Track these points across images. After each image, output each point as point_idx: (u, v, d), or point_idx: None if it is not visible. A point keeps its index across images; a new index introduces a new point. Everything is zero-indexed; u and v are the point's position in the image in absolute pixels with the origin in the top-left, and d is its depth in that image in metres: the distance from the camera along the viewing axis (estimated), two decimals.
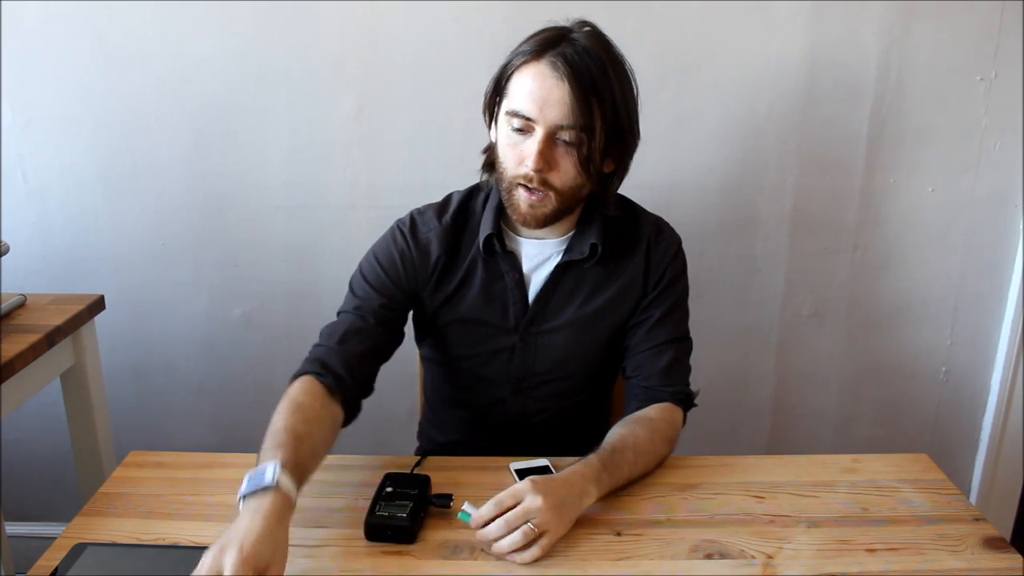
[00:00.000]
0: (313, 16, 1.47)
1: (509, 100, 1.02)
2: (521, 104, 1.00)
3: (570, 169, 1.02)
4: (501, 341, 1.14)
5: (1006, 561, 0.89)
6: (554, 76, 0.98)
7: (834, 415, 1.74)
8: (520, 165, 1.01)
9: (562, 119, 0.98)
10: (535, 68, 0.99)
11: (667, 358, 1.12)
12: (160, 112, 1.53)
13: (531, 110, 0.99)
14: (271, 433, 0.91)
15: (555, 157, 1.01)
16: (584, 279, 1.12)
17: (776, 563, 0.88)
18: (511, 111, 1.01)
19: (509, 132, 1.02)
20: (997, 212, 1.59)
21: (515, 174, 1.02)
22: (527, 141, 1.01)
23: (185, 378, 1.71)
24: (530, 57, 1.00)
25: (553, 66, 0.98)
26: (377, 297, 1.11)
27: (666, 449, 1.07)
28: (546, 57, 0.99)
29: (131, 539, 0.92)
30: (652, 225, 1.16)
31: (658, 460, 1.06)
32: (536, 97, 0.99)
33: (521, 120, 1.00)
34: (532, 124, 1.00)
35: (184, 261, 1.63)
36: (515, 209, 1.05)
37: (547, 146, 1.00)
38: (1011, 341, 1.65)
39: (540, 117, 0.99)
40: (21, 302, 1.36)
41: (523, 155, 1.01)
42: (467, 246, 1.12)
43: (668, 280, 1.14)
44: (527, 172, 1.01)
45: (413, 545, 0.91)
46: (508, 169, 1.03)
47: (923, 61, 1.49)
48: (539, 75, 0.99)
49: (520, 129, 1.01)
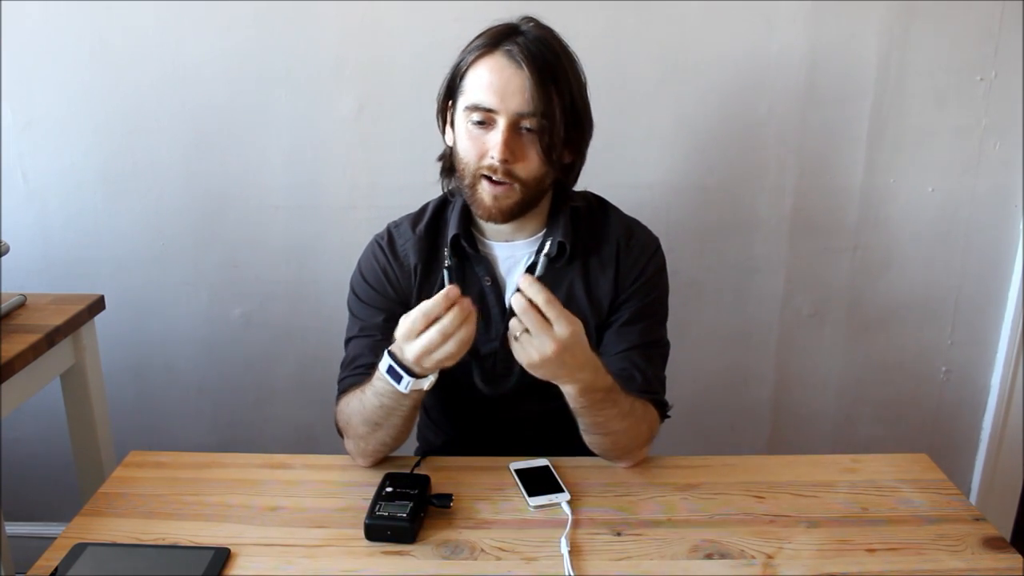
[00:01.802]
0: (313, 16, 1.47)
1: (466, 96, 1.02)
2: (481, 96, 1.00)
3: (534, 158, 1.02)
4: (483, 348, 1.13)
5: (1006, 561, 0.89)
6: (511, 65, 0.99)
7: (834, 415, 1.74)
8: (484, 158, 1.02)
9: (524, 106, 0.99)
10: (491, 60, 1.00)
11: (636, 365, 1.09)
12: (160, 112, 1.53)
13: (492, 101, 0.99)
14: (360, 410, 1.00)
15: (519, 147, 1.01)
16: (559, 281, 1.11)
17: (776, 563, 0.88)
18: (471, 105, 1.01)
19: (469, 127, 1.02)
20: (997, 212, 1.59)
21: (478, 167, 1.02)
22: (489, 133, 1.01)
23: (185, 378, 1.71)
24: (483, 51, 1.01)
25: (509, 55, 0.99)
26: (377, 313, 1.12)
27: (646, 434, 1.06)
28: (500, 48, 1.00)
29: (131, 539, 0.92)
30: (624, 228, 1.14)
31: (634, 438, 1.04)
32: (496, 88, 0.99)
33: (482, 112, 1.00)
34: (493, 115, 1.00)
35: (184, 261, 1.63)
36: (479, 204, 1.05)
37: (511, 136, 1.00)
38: (1011, 341, 1.65)
39: (502, 107, 0.99)
40: (21, 302, 1.36)
41: (485, 147, 1.01)
42: (443, 253, 1.12)
43: (640, 284, 1.12)
44: (492, 163, 1.01)
45: (413, 545, 0.91)
46: (470, 163, 1.03)
47: (923, 61, 1.49)
48: (496, 66, 1.00)
49: (481, 122, 1.01)
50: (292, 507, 0.98)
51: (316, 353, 1.67)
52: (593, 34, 1.46)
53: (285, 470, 1.07)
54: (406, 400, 0.96)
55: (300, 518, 0.96)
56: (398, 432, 1.02)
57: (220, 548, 0.89)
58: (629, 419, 1.02)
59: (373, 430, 1.01)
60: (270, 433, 1.74)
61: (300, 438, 1.73)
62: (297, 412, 1.72)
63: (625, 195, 1.24)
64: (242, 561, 0.88)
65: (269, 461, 1.08)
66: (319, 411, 1.57)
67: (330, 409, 1.10)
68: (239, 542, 0.91)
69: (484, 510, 0.98)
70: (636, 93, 1.50)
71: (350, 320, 1.15)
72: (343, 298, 1.17)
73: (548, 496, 0.99)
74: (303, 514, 0.97)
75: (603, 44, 1.46)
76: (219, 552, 0.88)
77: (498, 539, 0.92)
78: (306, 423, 1.73)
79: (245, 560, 0.88)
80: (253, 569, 0.87)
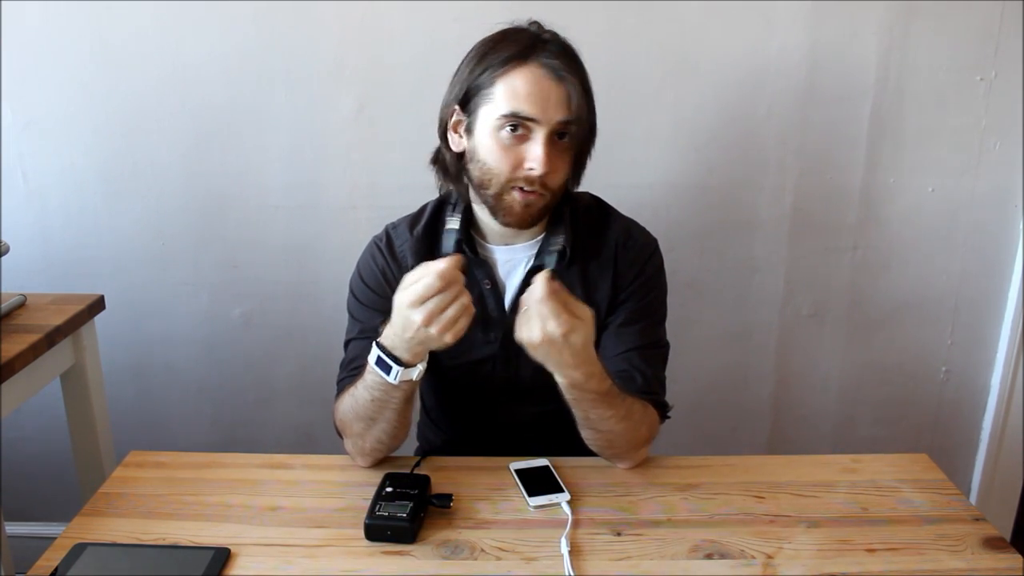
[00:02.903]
0: (313, 16, 1.47)
1: (497, 105, 1.01)
2: (521, 106, 0.99)
3: (565, 167, 1.04)
4: (483, 351, 1.13)
5: (1006, 561, 0.89)
6: (549, 77, 0.99)
7: (834, 415, 1.74)
8: (519, 168, 1.01)
9: (565, 116, 1.00)
10: (527, 71, 1.00)
11: (635, 366, 1.09)
12: (160, 112, 1.53)
13: (534, 111, 0.99)
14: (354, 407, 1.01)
15: (554, 157, 1.01)
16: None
17: (776, 563, 0.88)
18: (508, 114, 1.00)
19: (502, 136, 1.01)
20: (997, 212, 1.59)
21: (512, 177, 1.02)
22: (525, 144, 1.01)
23: (185, 378, 1.71)
24: (515, 61, 1.00)
25: (547, 67, 0.99)
26: (375, 315, 1.11)
27: (645, 435, 1.06)
28: (534, 59, 1.00)
29: (131, 539, 0.92)
30: (622, 230, 1.14)
31: (631, 440, 1.04)
32: (537, 99, 0.99)
33: (519, 122, 1.00)
34: (532, 125, 1.00)
35: (184, 261, 1.63)
36: (508, 211, 1.04)
37: (550, 147, 1.00)
38: (1011, 341, 1.65)
39: (544, 117, 0.99)
40: (21, 302, 1.36)
41: (521, 157, 1.01)
42: (441, 255, 1.12)
43: (638, 285, 1.12)
44: (529, 174, 1.01)
45: (413, 545, 0.91)
46: (502, 173, 1.02)
47: (923, 61, 1.49)
48: (534, 77, 0.99)
49: (516, 131, 1.01)
50: (292, 507, 0.98)
51: (316, 353, 1.67)
52: (593, 34, 1.45)
53: (285, 470, 1.07)
54: (397, 392, 0.97)
55: (300, 518, 0.96)
56: (393, 428, 1.02)
57: (220, 548, 0.89)
58: (625, 422, 1.01)
59: (368, 427, 1.01)
60: (270, 433, 1.74)
61: (300, 438, 1.73)
62: (297, 412, 1.72)
63: (625, 195, 1.24)
64: (242, 561, 0.88)
65: (269, 461, 1.08)
66: (319, 411, 1.57)
67: (330, 409, 1.10)
68: (239, 542, 0.91)
69: (484, 510, 0.98)
70: (636, 93, 1.50)
71: (349, 322, 1.15)
72: (343, 298, 1.17)
73: (548, 496, 0.99)
74: (303, 514, 0.97)
75: (603, 44, 1.47)
76: (219, 552, 0.88)
77: (498, 539, 0.92)
78: (306, 423, 1.73)
79: (245, 560, 0.88)
80: (253, 569, 0.87)
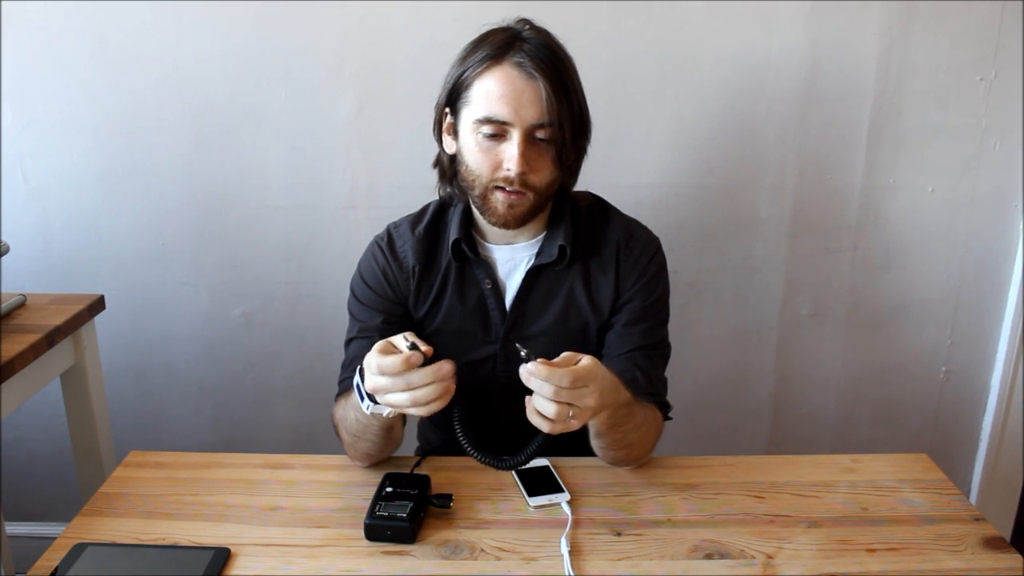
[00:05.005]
0: (313, 16, 1.47)
1: (474, 108, 1.01)
2: (493, 109, 0.99)
3: (548, 166, 1.03)
4: (483, 351, 1.13)
5: (1006, 561, 0.89)
6: (522, 76, 0.98)
7: (834, 415, 1.74)
8: (498, 170, 1.01)
9: (539, 118, 0.99)
10: (500, 72, 0.99)
11: (638, 366, 1.09)
12: (160, 112, 1.53)
13: (506, 113, 0.98)
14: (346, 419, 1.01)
15: (533, 157, 1.01)
16: (559, 283, 1.11)
17: (776, 563, 0.88)
18: (483, 118, 1.00)
19: (479, 139, 1.01)
20: (997, 212, 1.59)
21: (492, 179, 1.02)
22: (503, 145, 1.01)
23: (185, 378, 1.71)
24: (490, 62, 1.00)
25: (519, 67, 0.98)
26: (376, 315, 1.12)
27: (655, 438, 1.06)
28: (508, 59, 0.99)
29: (131, 539, 0.92)
30: (623, 229, 1.14)
31: (646, 445, 1.05)
32: (509, 100, 0.98)
33: (495, 125, 0.99)
34: (507, 127, 0.99)
35: (184, 261, 1.63)
36: (492, 212, 1.04)
37: (526, 147, 1.00)
38: (1011, 341, 1.65)
39: (516, 119, 0.98)
40: (21, 302, 1.36)
41: (499, 159, 1.01)
42: (442, 255, 1.12)
43: (641, 285, 1.12)
44: (507, 175, 1.00)
45: (413, 545, 0.91)
46: (483, 175, 1.02)
47: (923, 61, 1.49)
48: (506, 78, 0.99)
49: (493, 134, 1.00)
50: (292, 507, 0.98)
51: (316, 353, 1.67)
52: (593, 34, 1.46)
53: (285, 470, 1.07)
54: (374, 420, 0.96)
55: (300, 518, 0.96)
56: (377, 449, 1.02)
57: (220, 548, 0.89)
58: (643, 428, 1.02)
59: (355, 440, 1.02)
60: (270, 433, 1.74)
61: (300, 438, 1.73)
62: (297, 412, 1.73)
63: (625, 195, 1.24)
64: (242, 561, 0.88)
65: (269, 461, 1.08)
66: (319, 411, 1.57)
67: (330, 409, 1.10)
68: (239, 542, 0.91)
69: (484, 510, 0.98)
70: (636, 93, 1.50)
71: (350, 322, 1.15)
72: (343, 298, 1.17)
73: (548, 496, 0.99)
74: (303, 514, 0.97)
75: (603, 44, 1.47)
76: (219, 552, 0.88)
77: (498, 539, 0.92)
78: (306, 423, 1.73)
79: (245, 560, 0.89)
80: (253, 569, 0.87)
